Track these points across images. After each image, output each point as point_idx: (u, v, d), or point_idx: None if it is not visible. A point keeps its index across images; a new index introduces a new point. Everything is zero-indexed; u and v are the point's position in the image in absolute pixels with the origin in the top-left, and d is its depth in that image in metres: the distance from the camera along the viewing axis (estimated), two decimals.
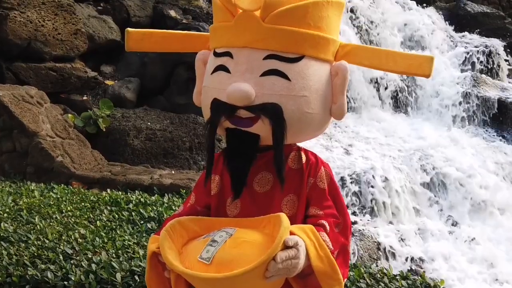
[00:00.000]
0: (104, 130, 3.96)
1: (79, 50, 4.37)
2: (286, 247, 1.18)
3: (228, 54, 1.32)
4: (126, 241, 2.26)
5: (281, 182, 1.33)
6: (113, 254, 2.11)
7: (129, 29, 1.45)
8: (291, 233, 1.24)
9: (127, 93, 4.40)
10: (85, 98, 4.34)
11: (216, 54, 1.36)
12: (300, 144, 1.45)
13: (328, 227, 1.33)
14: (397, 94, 5.00)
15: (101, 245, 2.21)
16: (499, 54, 5.43)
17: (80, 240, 2.27)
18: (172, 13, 4.82)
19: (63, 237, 2.30)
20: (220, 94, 1.32)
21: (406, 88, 5.02)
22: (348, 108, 1.45)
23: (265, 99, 1.26)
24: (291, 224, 1.29)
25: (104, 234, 2.35)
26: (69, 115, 3.96)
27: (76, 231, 2.38)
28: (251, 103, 1.26)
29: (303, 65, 1.28)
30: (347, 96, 1.40)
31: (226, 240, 1.23)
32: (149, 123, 4.05)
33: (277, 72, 1.27)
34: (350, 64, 1.35)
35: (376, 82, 4.90)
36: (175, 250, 1.31)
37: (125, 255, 2.10)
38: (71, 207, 2.77)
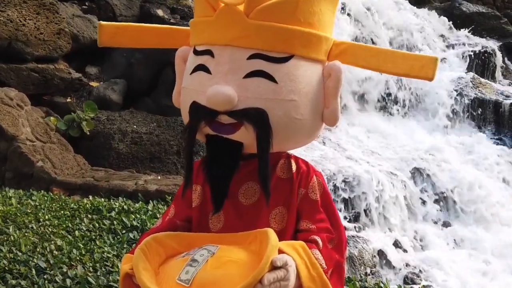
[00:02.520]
0: (88, 133, 3.81)
1: (62, 50, 4.22)
2: (274, 267, 1.07)
3: (208, 52, 1.20)
4: (105, 253, 2.13)
5: (266, 195, 1.22)
6: (90, 268, 1.98)
7: (101, 22, 1.33)
8: (280, 251, 1.13)
9: (113, 95, 4.26)
10: (69, 100, 4.19)
11: (196, 52, 1.24)
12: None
13: (321, 243, 1.22)
14: (390, 95, 4.90)
15: (77, 258, 2.07)
16: (495, 55, 5.35)
17: (56, 253, 2.13)
18: (160, 12, 4.69)
19: (38, 249, 2.16)
20: (199, 96, 1.20)
21: (399, 89, 4.92)
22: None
23: (249, 104, 1.15)
24: (281, 239, 1.18)
25: (82, 245, 2.21)
26: (51, 118, 3.81)
27: (53, 242, 2.24)
28: (233, 108, 1.14)
29: (291, 65, 1.17)
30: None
31: (208, 259, 1.12)
32: (135, 126, 3.91)
33: (263, 74, 1.15)
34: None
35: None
36: (150, 270, 1.20)
37: (103, 269, 1.97)
38: (49, 215, 2.63)
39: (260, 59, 1.14)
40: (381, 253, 3.29)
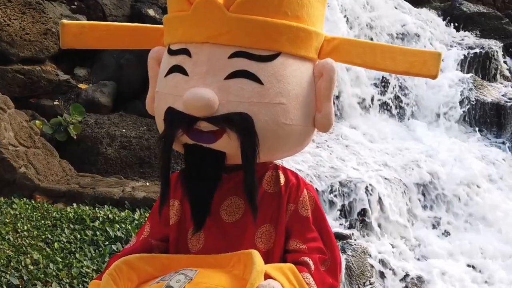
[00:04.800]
0: (75, 137, 3.66)
1: (49, 51, 4.07)
2: None
3: (185, 51, 1.08)
4: (84, 268, 1.99)
5: (253, 211, 1.10)
6: (67, 285, 1.84)
7: (64, 21, 1.20)
8: (267, 276, 1.01)
9: (102, 97, 4.11)
10: (56, 103, 4.04)
11: (171, 52, 1.12)
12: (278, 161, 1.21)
13: (312, 266, 1.10)
14: (389, 97, 4.77)
15: (54, 273, 1.93)
16: (496, 56, 5.22)
17: (31, 267, 1.99)
18: (151, 12, 4.55)
19: (12, 264, 2.02)
20: (175, 101, 1.07)
21: (398, 91, 4.79)
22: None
23: (232, 108, 1.02)
24: (268, 261, 1.08)
25: (60, 259, 2.07)
26: (37, 121, 3.66)
27: (29, 255, 2.10)
28: (214, 113, 1.02)
29: (278, 64, 1.04)
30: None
31: (185, 286, 1.00)
32: (124, 130, 3.77)
33: (246, 74, 1.03)
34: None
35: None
36: None
37: (80, 286, 1.83)
38: (29, 225, 2.48)
39: (243, 57, 1.02)
40: (380, 262, 3.16)
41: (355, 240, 3.21)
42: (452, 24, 5.70)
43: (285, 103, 1.05)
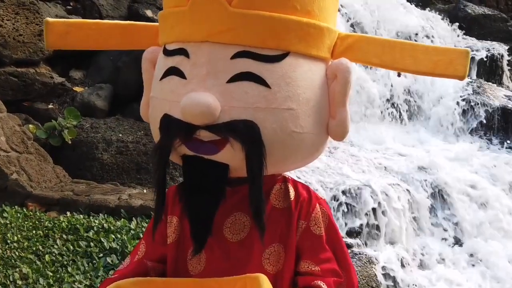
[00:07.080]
0: (69, 142, 3.55)
1: (43, 53, 3.96)
2: None
3: (182, 51, 0.96)
4: (76, 283, 1.88)
5: (260, 229, 0.99)
6: None
7: (48, 19, 1.09)
8: None
9: (98, 101, 4.00)
10: (50, 106, 3.93)
11: (167, 52, 1.02)
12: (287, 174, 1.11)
13: None
14: (393, 102, 4.67)
15: None
16: (502, 59, 5.12)
17: (20, 282, 1.88)
18: (149, 13, 4.45)
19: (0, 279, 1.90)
20: (172, 108, 0.97)
21: (402, 95, 4.69)
22: None
23: (235, 115, 0.92)
24: (276, 285, 1.00)
25: (51, 273, 1.95)
26: (30, 125, 3.55)
27: (18, 269, 1.98)
28: (215, 121, 0.92)
29: (287, 65, 0.93)
30: None
31: None
32: (120, 135, 3.65)
33: (251, 76, 0.92)
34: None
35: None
36: None
37: None
38: (19, 235, 2.37)
39: (247, 58, 0.91)
40: (385, 272, 3.05)
41: (360, 249, 3.10)
42: (456, 26, 5.59)
43: (294, 108, 0.95)
